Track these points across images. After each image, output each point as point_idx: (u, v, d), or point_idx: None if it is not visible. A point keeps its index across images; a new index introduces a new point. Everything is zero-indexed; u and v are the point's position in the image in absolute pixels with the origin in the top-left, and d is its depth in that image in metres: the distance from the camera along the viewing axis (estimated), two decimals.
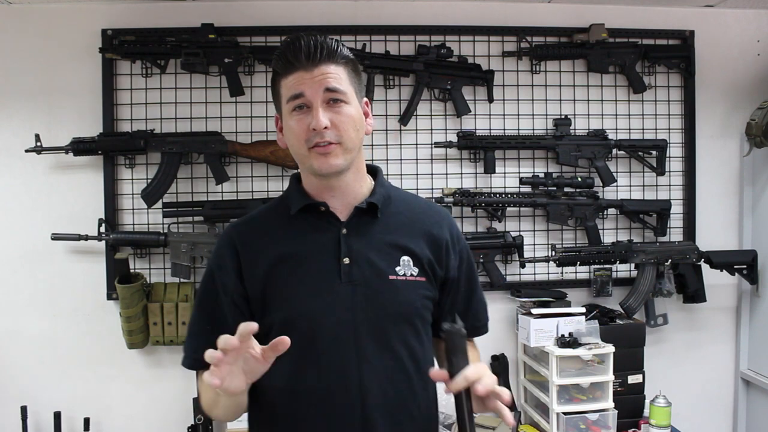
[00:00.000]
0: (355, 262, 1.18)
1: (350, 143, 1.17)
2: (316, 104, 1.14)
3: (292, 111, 1.16)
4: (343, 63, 1.18)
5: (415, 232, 1.24)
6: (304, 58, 1.14)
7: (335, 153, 1.15)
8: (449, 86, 2.39)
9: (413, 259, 1.22)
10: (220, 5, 2.37)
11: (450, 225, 1.30)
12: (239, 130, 2.38)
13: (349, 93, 1.17)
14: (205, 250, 2.28)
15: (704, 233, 2.55)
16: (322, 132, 1.13)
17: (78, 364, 2.37)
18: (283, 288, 1.18)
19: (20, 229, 2.35)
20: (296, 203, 1.23)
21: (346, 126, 1.16)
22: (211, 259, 1.26)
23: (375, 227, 1.22)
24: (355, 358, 1.16)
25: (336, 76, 1.16)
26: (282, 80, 1.18)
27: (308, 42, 1.15)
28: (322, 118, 1.13)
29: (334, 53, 1.16)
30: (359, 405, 1.15)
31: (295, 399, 1.17)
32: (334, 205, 1.22)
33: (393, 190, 1.30)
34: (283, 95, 1.18)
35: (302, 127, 1.15)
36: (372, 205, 1.22)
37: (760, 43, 2.58)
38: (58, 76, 2.34)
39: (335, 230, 1.20)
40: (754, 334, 2.55)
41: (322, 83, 1.14)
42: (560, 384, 2.15)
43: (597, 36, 2.41)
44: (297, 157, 1.20)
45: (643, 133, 2.54)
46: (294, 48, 1.15)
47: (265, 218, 1.27)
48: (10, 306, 2.36)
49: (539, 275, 2.50)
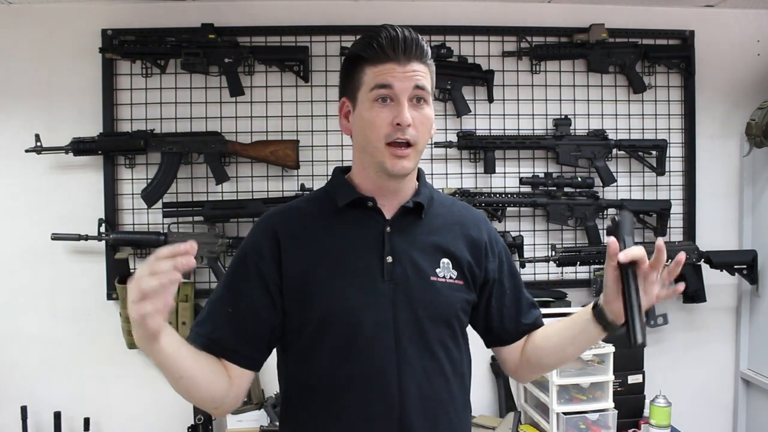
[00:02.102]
0: (398, 261, 1.17)
1: (422, 146, 1.17)
2: (403, 99, 1.13)
3: (374, 101, 1.14)
4: (429, 64, 1.17)
5: (456, 235, 1.24)
6: (401, 51, 1.13)
7: (410, 157, 1.15)
8: (449, 86, 2.39)
9: (453, 262, 1.21)
10: (220, 5, 2.37)
11: (488, 228, 1.30)
12: (239, 130, 2.38)
13: (430, 95, 1.17)
14: (205, 250, 2.29)
15: (704, 233, 2.55)
16: (405, 129, 1.12)
17: (78, 364, 2.37)
18: (325, 282, 1.16)
19: (20, 229, 2.35)
20: (344, 197, 1.20)
21: (424, 128, 1.16)
22: (247, 243, 1.21)
23: (418, 227, 1.21)
24: (395, 357, 1.14)
25: (424, 75, 1.15)
26: (368, 67, 1.15)
27: (404, 36, 1.13)
28: (408, 114, 1.12)
29: (425, 53, 1.16)
30: (397, 405, 1.13)
31: (332, 396, 1.16)
32: (381, 202, 1.20)
33: (434, 192, 1.29)
34: (366, 82, 1.15)
35: (385, 120, 1.13)
36: (418, 204, 1.21)
37: (760, 43, 2.58)
38: (58, 76, 2.34)
39: (380, 227, 1.19)
40: (754, 334, 2.55)
41: (412, 79, 1.13)
42: (560, 384, 2.15)
43: (597, 36, 2.41)
44: (367, 149, 1.16)
45: (643, 133, 2.54)
46: (390, 38, 1.13)
47: (308, 209, 1.24)
48: (10, 306, 2.36)
49: (539, 275, 2.50)
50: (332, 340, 1.13)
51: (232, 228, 2.39)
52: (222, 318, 1.16)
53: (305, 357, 1.17)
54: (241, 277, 1.18)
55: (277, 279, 1.16)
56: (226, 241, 2.30)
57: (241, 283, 1.18)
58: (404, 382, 1.14)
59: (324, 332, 1.15)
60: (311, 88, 2.40)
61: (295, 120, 2.41)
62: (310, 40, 2.39)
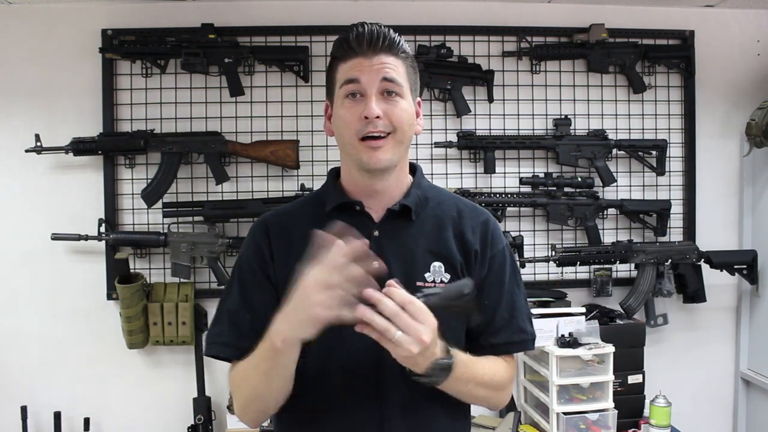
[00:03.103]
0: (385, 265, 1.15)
1: (402, 136, 1.14)
2: (370, 92, 1.11)
3: (344, 97, 1.13)
4: (402, 57, 1.15)
5: (449, 235, 1.20)
6: (366, 44, 1.12)
7: (386, 147, 1.12)
8: (449, 86, 2.39)
9: (446, 265, 1.18)
10: (220, 5, 2.37)
11: (484, 231, 1.22)
12: (239, 130, 2.38)
13: (405, 87, 1.14)
14: (205, 250, 2.29)
15: (704, 233, 2.55)
16: (375, 121, 1.10)
17: (78, 364, 2.37)
18: None
19: (20, 229, 2.35)
20: (331, 200, 1.20)
21: (400, 119, 1.13)
22: (247, 247, 1.22)
23: (408, 230, 1.19)
24: (377, 365, 1.12)
25: (394, 67, 1.13)
26: (340, 65, 1.15)
27: (371, 30, 1.13)
28: (374, 106, 1.10)
29: (395, 45, 1.14)
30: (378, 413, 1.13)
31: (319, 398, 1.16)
32: (369, 205, 1.19)
33: (432, 191, 1.25)
34: (338, 80, 1.15)
35: (354, 116, 1.12)
36: (405, 207, 1.18)
37: (760, 43, 2.58)
38: (58, 76, 2.34)
39: (367, 231, 1.14)
40: (754, 334, 2.55)
41: (379, 72, 1.11)
42: (560, 384, 2.15)
43: (597, 36, 2.41)
44: (344, 148, 1.16)
45: (643, 133, 2.54)
46: (356, 34, 1.12)
47: (300, 213, 1.23)
48: (10, 306, 2.36)
49: (539, 275, 2.50)
50: (317, 345, 1.11)
51: (232, 228, 2.39)
52: (244, 326, 1.16)
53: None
54: (250, 282, 1.19)
55: (276, 279, 1.18)
56: (226, 241, 2.30)
57: (251, 289, 1.18)
58: (385, 390, 1.12)
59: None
60: (311, 88, 2.40)
61: (295, 120, 2.41)
62: (310, 40, 2.39)
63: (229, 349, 1.16)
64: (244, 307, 1.18)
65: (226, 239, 2.31)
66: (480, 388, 1.17)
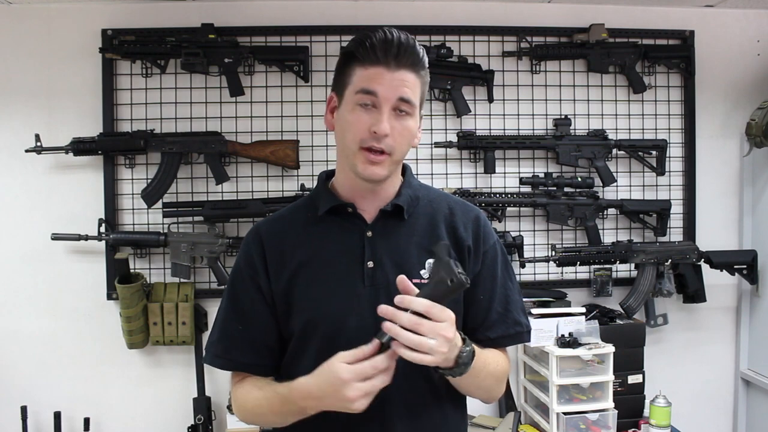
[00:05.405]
0: (379, 266, 1.17)
1: (399, 156, 1.15)
2: (385, 108, 1.11)
3: (356, 104, 1.13)
4: (422, 75, 1.15)
5: (442, 233, 1.21)
6: (392, 56, 1.10)
7: (383, 164, 1.13)
8: (449, 86, 2.39)
9: None
10: (220, 5, 2.37)
11: (477, 229, 1.24)
12: (239, 130, 2.38)
13: (416, 107, 1.15)
14: (205, 250, 2.29)
15: (704, 233, 2.55)
16: (382, 138, 1.11)
17: (78, 364, 2.37)
18: (307, 290, 1.17)
19: (20, 229, 2.35)
20: (324, 204, 1.21)
21: (402, 139, 1.14)
22: (240, 257, 1.23)
23: (401, 229, 1.20)
24: None
25: (412, 86, 1.13)
26: (358, 67, 1.13)
27: (399, 40, 1.11)
28: (386, 125, 1.10)
29: (419, 62, 1.14)
30: (378, 411, 1.11)
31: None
32: (362, 207, 1.20)
33: (422, 190, 1.27)
34: (353, 83, 1.13)
35: (363, 125, 1.12)
36: (397, 207, 1.20)
37: (760, 43, 2.58)
38: (58, 76, 2.34)
39: (361, 232, 1.19)
40: (754, 334, 2.55)
41: (398, 90, 1.11)
42: (560, 384, 2.15)
43: (597, 36, 2.41)
44: (343, 151, 1.17)
45: (643, 133, 2.54)
46: (384, 40, 1.11)
47: (292, 218, 1.25)
48: (10, 306, 2.36)
49: (539, 275, 2.50)
50: (316, 346, 1.13)
51: (232, 228, 2.39)
52: (237, 338, 1.20)
53: (292, 362, 1.20)
54: (243, 293, 1.21)
55: (269, 289, 1.19)
56: (226, 241, 2.30)
57: (243, 299, 1.21)
58: (386, 389, 1.10)
59: (308, 338, 1.17)
60: (311, 88, 2.40)
61: (295, 120, 2.41)
62: (310, 40, 2.39)
63: (220, 360, 1.21)
64: (236, 318, 1.21)
65: (226, 239, 2.31)
66: (489, 377, 1.19)
